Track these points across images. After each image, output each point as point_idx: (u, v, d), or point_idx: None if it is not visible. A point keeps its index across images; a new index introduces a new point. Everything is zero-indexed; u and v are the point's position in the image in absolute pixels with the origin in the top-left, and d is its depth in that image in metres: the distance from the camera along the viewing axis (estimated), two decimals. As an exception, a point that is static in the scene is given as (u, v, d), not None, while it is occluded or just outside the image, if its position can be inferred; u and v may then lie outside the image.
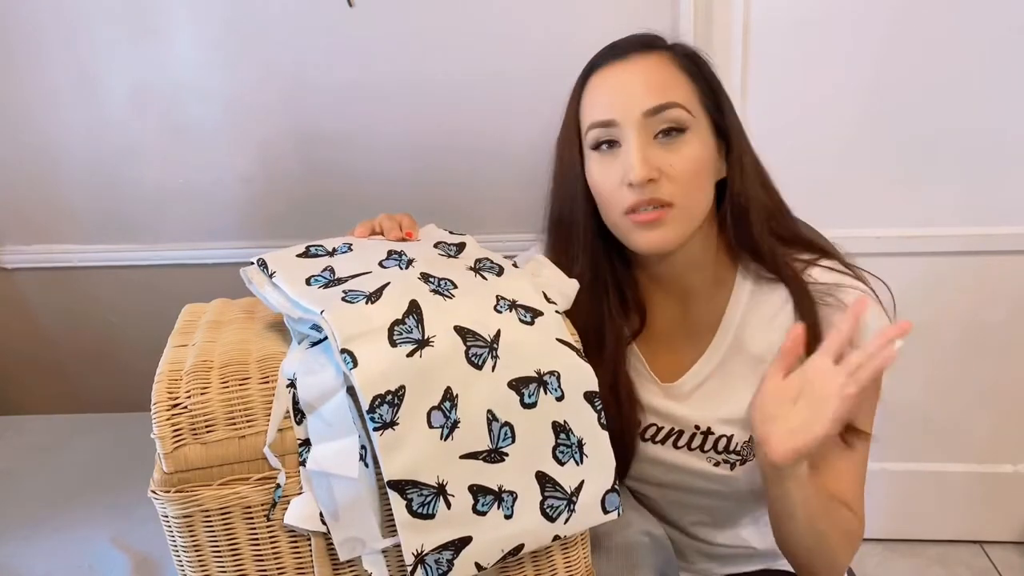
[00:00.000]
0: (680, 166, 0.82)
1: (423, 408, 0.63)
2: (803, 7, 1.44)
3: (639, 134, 0.81)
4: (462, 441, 0.65)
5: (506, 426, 0.66)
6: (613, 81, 0.84)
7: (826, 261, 0.89)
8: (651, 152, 0.81)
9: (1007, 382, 1.64)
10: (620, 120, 0.82)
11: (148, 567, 0.98)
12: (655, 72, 0.83)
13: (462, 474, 0.65)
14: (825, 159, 1.52)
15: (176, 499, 0.65)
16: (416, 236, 0.85)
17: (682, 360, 0.93)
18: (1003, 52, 1.43)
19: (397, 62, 1.52)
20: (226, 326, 0.77)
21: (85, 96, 1.59)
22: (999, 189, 1.51)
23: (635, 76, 0.83)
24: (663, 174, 0.81)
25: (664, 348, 0.94)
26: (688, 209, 0.84)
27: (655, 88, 0.82)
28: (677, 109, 0.82)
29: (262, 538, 0.67)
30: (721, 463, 0.91)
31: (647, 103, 0.81)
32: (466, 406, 0.65)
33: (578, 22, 1.45)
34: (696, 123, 0.83)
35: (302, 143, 1.59)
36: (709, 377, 0.92)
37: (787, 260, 0.89)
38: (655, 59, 0.84)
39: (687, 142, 0.82)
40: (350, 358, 0.62)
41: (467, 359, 0.65)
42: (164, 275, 1.70)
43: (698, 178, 0.83)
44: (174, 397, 0.65)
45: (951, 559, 1.72)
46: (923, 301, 1.59)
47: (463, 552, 0.65)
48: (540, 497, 0.68)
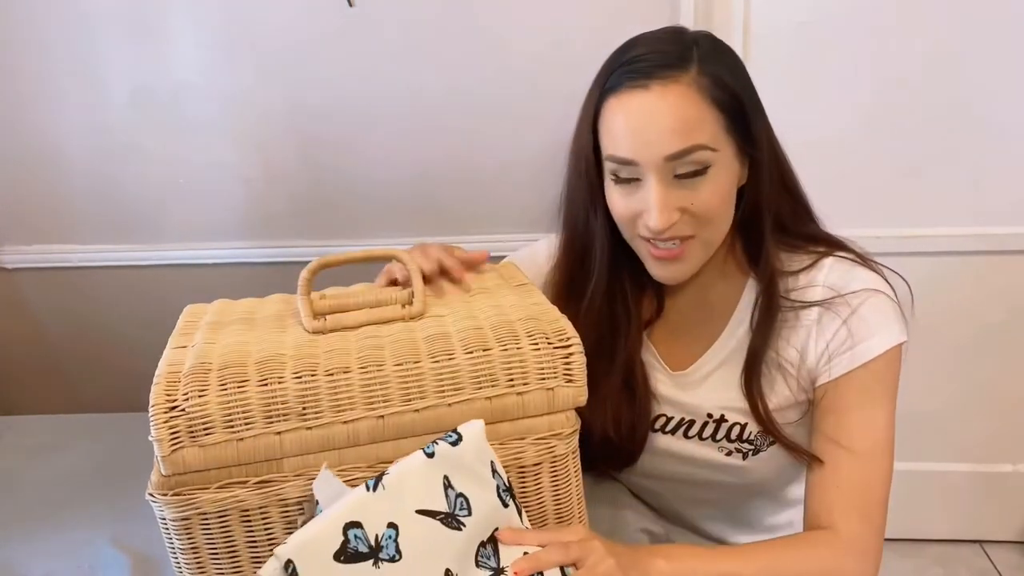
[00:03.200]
0: (702, 203, 0.79)
1: None
2: (803, 7, 1.44)
3: (660, 177, 0.78)
4: None
5: None
6: (635, 117, 0.78)
7: (840, 252, 0.87)
8: (672, 193, 0.79)
9: (1007, 382, 1.64)
10: (641, 162, 0.78)
11: (148, 567, 0.98)
12: (679, 110, 0.77)
13: None
14: (825, 159, 1.52)
15: (174, 502, 0.65)
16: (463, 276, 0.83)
17: (693, 349, 0.92)
18: (1003, 52, 1.43)
19: (397, 62, 1.52)
20: (226, 327, 0.77)
21: (85, 96, 1.59)
22: (1000, 189, 1.51)
23: (657, 117, 0.77)
24: (685, 211, 0.80)
25: (675, 337, 0.93)
26: (709, 239, 0.83)
27: (680, 131, 0.77)
28: (701, 152, 0.78)
29: (260, 541, 0.67)
30: (733, 452, 0.90)
31: (670, 148, 0.77)
32: None
33: (577, 25, 1.45)
34: (720, 155, 0.79)
35: (302, 143, 1.59)
36: (720, 366, 0.91)
37: (778, 265, 0.86)
38: (680, 92, 0.77)
39: (710, 179, 0.79)
40: None
41: None
42: (164, 275, 1.70)
43: (721, 210, 0.82)
44: (172, 399, 0.65)
45: (951, 559, 1.72)
46: (923, 301, 1.59)
47: None
48: None
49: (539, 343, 0.70)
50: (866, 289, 0.83)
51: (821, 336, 0.84)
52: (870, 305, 0.83)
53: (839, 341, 0.83)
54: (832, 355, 0.84)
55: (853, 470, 0.83)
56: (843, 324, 0.83)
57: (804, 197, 0.91)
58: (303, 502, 0.67)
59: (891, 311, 0.84)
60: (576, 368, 0.71)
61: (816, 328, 0.85)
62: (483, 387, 0.69)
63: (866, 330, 0.82)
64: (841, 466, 0.83)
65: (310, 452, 0.67)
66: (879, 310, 0.83)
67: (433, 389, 0.68)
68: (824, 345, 0.84)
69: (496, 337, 0.70)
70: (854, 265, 0.86)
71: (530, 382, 0.70)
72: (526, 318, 0.73)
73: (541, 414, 0.71)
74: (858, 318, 0.82)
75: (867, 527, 0.82)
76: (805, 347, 0.85)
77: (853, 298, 0.83)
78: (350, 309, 0.76)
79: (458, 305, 0.78)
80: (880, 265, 0.88)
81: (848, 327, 0.83)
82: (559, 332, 0.72)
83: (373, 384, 0.67)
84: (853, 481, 0.83)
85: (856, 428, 0.83)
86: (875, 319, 0.82)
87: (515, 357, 0.69)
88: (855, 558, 0.81)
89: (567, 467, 0.73)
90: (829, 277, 0.85)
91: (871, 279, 0.85)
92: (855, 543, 0.81)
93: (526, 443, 0.70)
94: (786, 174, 0.88)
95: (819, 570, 0.80)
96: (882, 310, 0.83)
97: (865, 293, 0.83)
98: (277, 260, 1.66)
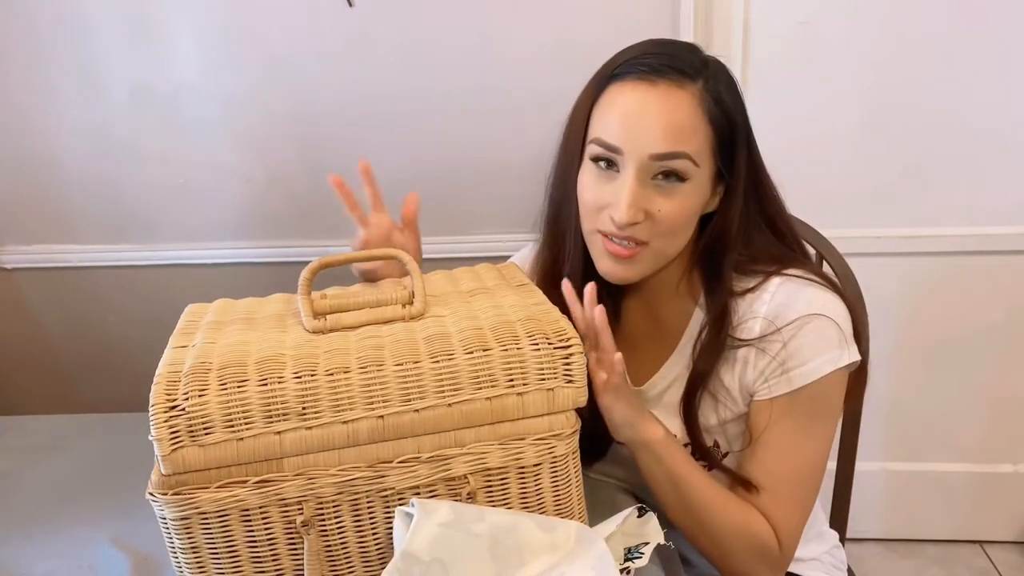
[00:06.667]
0: (667, 213, 0.81)
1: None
2: (803, 7, 1.44)
3: (639, 173, 0.80)
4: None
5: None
6: (634, 108, 0.80)
7: (790, 269, 0.86)
8: (644, 193, 0.80)
9: (1007, 382, 1.64)
10: (626, 152, 0.80)
11: (148, 567, 0.98)
12: (677, 114, 0.79)
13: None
14: (825, 159, 1.52)
15: (174, 501, 0.65)
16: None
17: (648, 366, 0.94)
18: (1003, 52, 1.43)
19: (397, 62, 1.52)
20: (226, 327, 0.77)
21: (85, 96, 1.59)
22: (999, 189, 1.51)
23: (656, 114, 0.79)
24: (648, 216, 0.81)
25: (633, 351, 0.94)
26: (661, 251, 0.84)
27: (672, 134, 0.79)
28: (684, 160, 0.79)
29: (260, 541, 0.67)
30: None
31: (658, 147, 0.79)
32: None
33: (577, 26, 1.45)
34: (698, 173, 0.81)
35: (302, 143, 1.59)
36: (671, 384, 0.92)
37: (731, 288, 0.86)
38: (683, 98, 0.79)
39: (682, 192, 0.81)
40: None
41: None
42: (164, 275, 1.70)
43: (682, 225, 0.83)
44: (172, 399, 0.65)
45: (951, 559, 1.72)
46: (923, 301, 1.59)
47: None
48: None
49: (539, 343, 0.70)
50: (805, 315, 0.83)
51: (756, 365, 0.86)
52: (808, 331, 0.83)
53: (775, 367, 0.84)
54: (768, 378, 0.85)
55: (785, 490, 0.86)
56: (779, 351, 0.84)
57: (794, 236, 0.91)
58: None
59: (832, 334, 0.83)
60: (576, 368, 0.71)
61: (752, 357, 0.86)
62: (483, 387, 0.69)
63: (801, 357, 0.83)
64: (775, 487, 0.86)
65: (310, 452, 0.67)
66: (818, 336, 0.83)
67: (433, 389, 0.68)
68: (759, 372, 0.85)
69: (496, 337, 0.70)
70: (802, 285, 0.85)
71: (530, 382, 0.70)
72: (526, 318, 0.73)
73: (541, 414, 0.71)
74: (794, 347, 0.83)
75: (789, 540, 0.86)
76: (742, 376, 0.87)
77: (788, 329, 0.83)
78: (350, 309, 0.76)
79: (458, 305, 0.78)
80: (831, 285, 0.87)
81: (783, 355, 0.83)
82: (559, 332, 0.72)
83: (373, 384, 0.67)
84: (784, 500, 0.86)
85: (790, 451, 0.85)
86: (812, 345, 0.83)
87: (515, 357, 0.69)
88: (772, 563, 0.87)
89: (567, 467, 0.73)
90: (771, 304, 0.85)
91: (816, 300, 0.84)
92: (779, 551, 0.86)
93: (526, 443, 0.70)
94: (771, 211, 0.88)
95: (743, 546, 0.85)
96: (821, 335, 0.83)
97: (803, 320, 0.83)
98: (277, 260, 1.66)
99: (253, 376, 0.67)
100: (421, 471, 0.69)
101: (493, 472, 0.70)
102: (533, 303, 0.78)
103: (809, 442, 0.85)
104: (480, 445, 0.69)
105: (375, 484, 0.68)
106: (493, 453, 0.70)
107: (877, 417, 1.67)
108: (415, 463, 0.68)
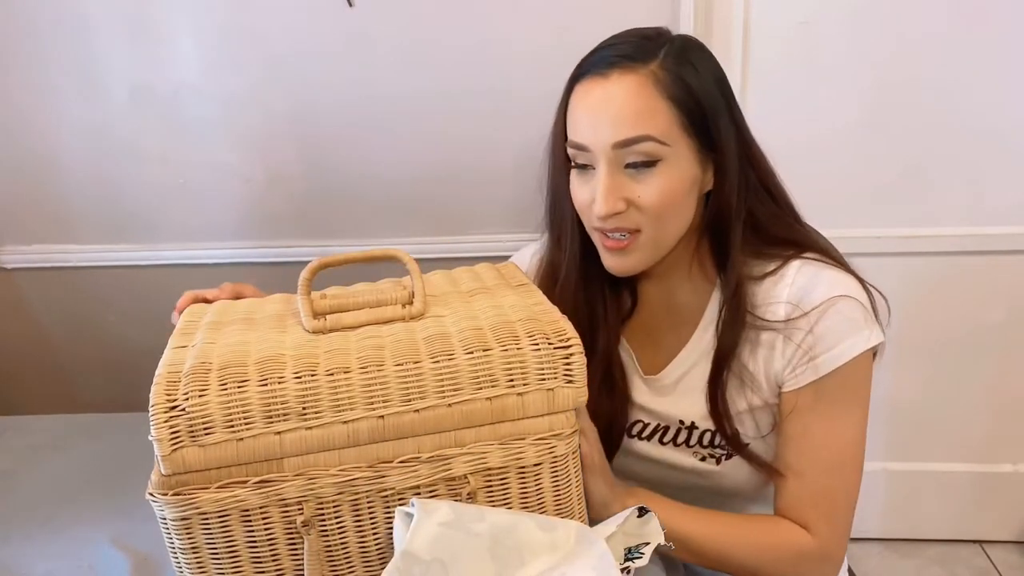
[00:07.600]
0: (648, 198, 0.81)
1: None
2: (803, 7, 1.44)
3: (608, 165, 0.81)
4: None
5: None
6: (591, 102, 0.81)
7: (808, 253, 0.87)
8: (619, 182, 0.81)
9: (1007, 382, 1.64)
10: (592, 148, 0.81)
11: (148, 567, 0.98)
12: (631, 100, 0.79)
13: None
14: (825, 159, 1.52)
15: (174, 502, 0.65)
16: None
17: (665, 353, 0.93)
18: (1003, 52, 1.43)
19: (397, 62, 1.52)
20: (226, 327, 0.77)
21: (85, 96, 1.59)
22: (999, 189, 1.51)
23: (609, 104, 0.80)
24: (631, 203, 0.81)
25: (650, 339, 0.95)
26: (657, 236, 0.84)
27: (628, 120, 0.79)
28: (648, 143, 0.79)
29: (260, 541, 0.67)
30: (707, 457, 0.91)
31: (616, 136, 0.79)
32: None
33: (578, 26, 1.45)
34: (672, 151, 0.80)
35: (302, 143, 1.59)
36: (691, 369, 0.91)
37: (746, 271, 0.86)
38: (634, 82, 0.79)
39: (658, 174, 0.81)
40: None
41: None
42: (164, 275, 1.70)
43: (669, 207, 0.82)
44: (172, 399, 0.65)
45: (951, 559, 1.72)
46: (923, 301, 1.59)
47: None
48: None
49: (539, 343, 0.70)
50: (830, 298, 0.82)
51: (783, 353, 0.85)
52: (833, 314, 0.82)
53: (801, 354, 0.83)
54: (796, 366, 0.84)
55: (819, 480, 0.84)
56: (805, 337, 0.83)
57: (786, 201, 0.90)
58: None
59: (858, 316, 0.83)
60: (576, 368, 0.71)
61: (779, 344, 0.85)
62: (483, 387, 0.69)
63: (828, 342, 0.82)
64: (806, 476, 0.84)
65: (310, 452, 0.67)
66: (843, 317, 0.82)
67: (433, 389, 0.68)
68: (787, 360, 0.84)
69: (496, 337, 0.70)
70: (821, 267, 0.85)
71: (530, 382, 0.70)
72: (526, 318, 0.73)
73: (541, 414, 0.71)
74: (820, 331, 0.82)
75: (832, 532, 0.84)
76: (768, 363, 0.86)
77: (815, 313, 0.83)
78: (350, 309, 0.76)
79: (458, 305, 0.78)
80: (847, 267, 0.87)
81: (810, 341, 0.82)
82: (559, 332, 0.72)
83: (373, 384, 0.67)
84: (819, 490, 0.84)
85: (821, 439, 0.84)
86: (839, 328, 0.82)
87: (515, 357, 0.69)
88: (816, 561, 0.84)
89: (567, 467, 0.73)
90: (792, 288, 0.84)
91: (838, 282, 0.84)
92: (819, 546, 0.84)
93: (526, 443, 0.70)
94: (765, 178, 0.88)
95: (775, 560, 0.83)
96: (847, 316, 0.82)
97: (828, 303, 0.82)
98: (277, 260, 1.66)
99: (253, 376, 0.67)
100: (421, 471, 0.69)
101: (493, 472, 0.70)
102: (533, 303, 0.78)
103: (842, 428, 0.84)
104: (480, 445, 0.69)
105: (375, 484, 0.68)
106: (493, 453, 0.70)
107: (877, 417, 1.65)
108: (415, 463, 0.68)
